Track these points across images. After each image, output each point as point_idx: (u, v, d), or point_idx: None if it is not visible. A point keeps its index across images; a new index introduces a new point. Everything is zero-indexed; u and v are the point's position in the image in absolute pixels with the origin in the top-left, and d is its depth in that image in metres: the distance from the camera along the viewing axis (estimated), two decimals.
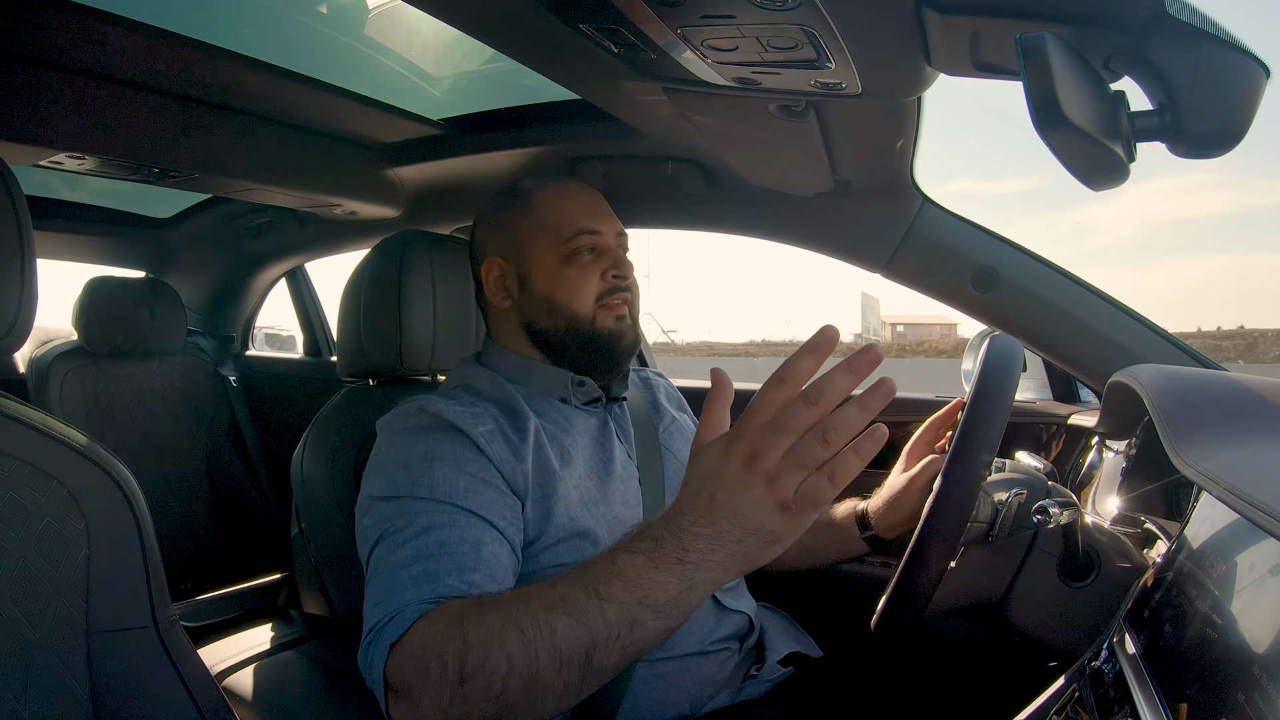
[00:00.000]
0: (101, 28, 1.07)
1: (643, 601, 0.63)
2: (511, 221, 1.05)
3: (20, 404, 0.74)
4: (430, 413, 0.91)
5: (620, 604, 0.63)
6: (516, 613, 0.66)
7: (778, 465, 0.59)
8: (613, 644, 0.63)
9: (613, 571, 0.64)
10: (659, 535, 0.63)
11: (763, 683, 1.02)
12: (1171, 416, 0.72)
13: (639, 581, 0.62)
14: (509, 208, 1.06)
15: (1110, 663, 0.63)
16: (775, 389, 0.61)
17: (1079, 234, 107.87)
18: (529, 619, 0.65)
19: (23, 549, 0.69)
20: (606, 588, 0.63)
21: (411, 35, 1.35)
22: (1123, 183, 0.65)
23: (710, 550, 0.61)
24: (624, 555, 0.64)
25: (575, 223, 1.02)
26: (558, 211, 1.03)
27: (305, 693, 1.05)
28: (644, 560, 0.63)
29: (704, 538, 0.61)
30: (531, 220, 1.03)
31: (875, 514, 1.09)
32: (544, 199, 1.05)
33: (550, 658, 0.64)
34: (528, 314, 1.03)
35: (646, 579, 0.62)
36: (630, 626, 0.63)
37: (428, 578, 0.77)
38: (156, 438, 2.28)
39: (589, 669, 0.64)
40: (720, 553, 0.61)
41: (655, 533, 0.63)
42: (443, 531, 0.81)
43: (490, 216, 1.08)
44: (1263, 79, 0.59)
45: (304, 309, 2.60)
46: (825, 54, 0.79)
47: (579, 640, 0.63)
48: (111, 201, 2.27)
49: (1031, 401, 1.51)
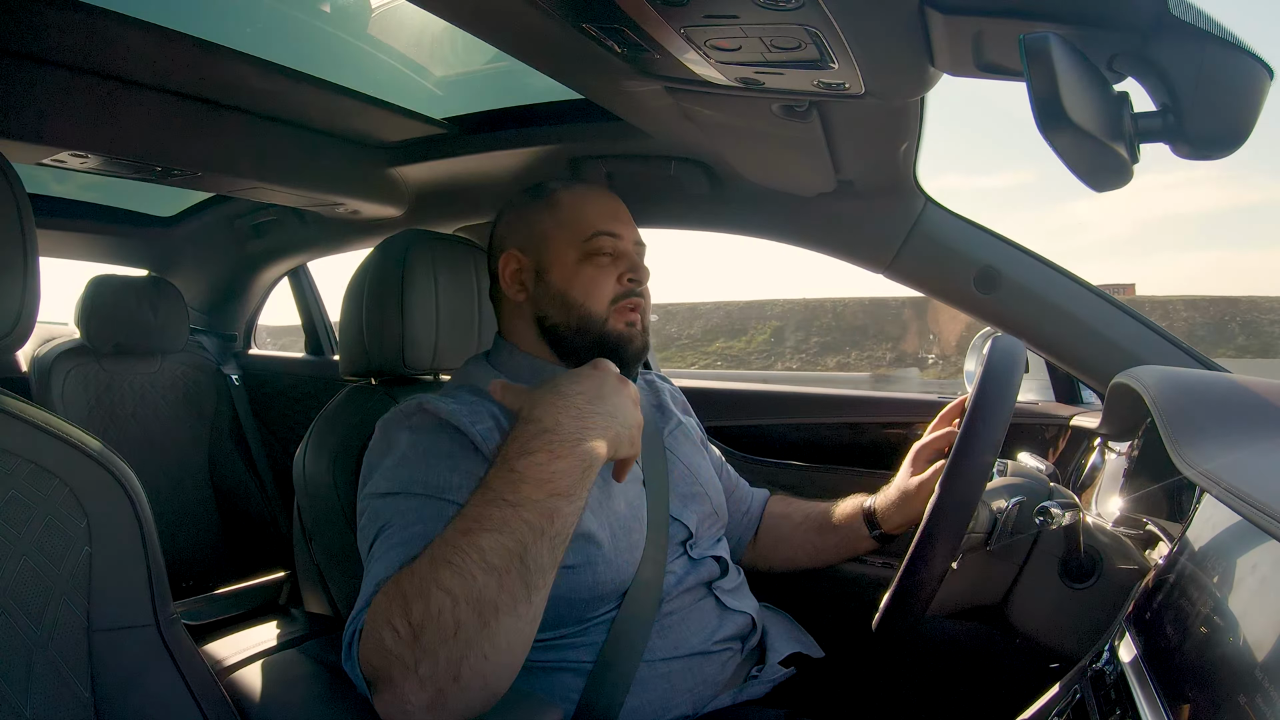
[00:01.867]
0: (105, 26, 1.07)
1: (554, 493, 0.69)
2: (534, 217, 1.05)
3: (22, 402, 0.74)
4: (429, 411, 0.91)
5: (533, 503, 0.68)
6: (439, 550, 0.69)
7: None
8: (540, 540, 0.68)
9: (515, 478, 0.69)
10: (554, 422, 0.73)
11: (764, 683, 1.02)
12: (1174, 418, 0.72)
13: (544, 477, 0.69)
14: (533, 203, 1.07)
15: (1112, 665, 0.63)
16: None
17: (1069, 229, 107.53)
18: (453, 549, 0.68)
19: (25, 547, 0.70)
20: (515, 493, 0.69)
21: (414, 34, 1.35)
22: (1126, 184, 0.65)
23: (589, 423, 0.73)
24: (521, 459, 0.70)
25: (596, 223, 1.03)
26: (580, 211, 1.04)
27: (307, 691, 1.05)
28: (544, 456, 0.70)
29: (577, 416, 0.73)
30: (554, 217, 1.04)
31: (883, 512, 1.10)
32: (568, 198, 1.06)
33: (487, 574, 0.66)
34: (541, 308, 1.04)
35: (552, 471, 0.70)
36: (550, 519, 0.69)
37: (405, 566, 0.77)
38: (158, 436, 2.28)
39: (527, 571, 0.67)
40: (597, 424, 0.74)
41: (530, 431, 0.72)
42: (431, 525, 0.80)
43: (513, 211, 1.09)
44: (1266, 80, 0.59)
45: (306, 308, 2.60)
46: (828, 54, 0.79)
47: (507, 548, 0.67)
48: (114, 200, 2.27)
49: (1034, 402, 1.51)
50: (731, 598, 1.05)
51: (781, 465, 1.62)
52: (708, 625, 1.01)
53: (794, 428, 1.66)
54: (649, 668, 0.94)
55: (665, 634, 0.97)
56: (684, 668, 0.97)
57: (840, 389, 1.77)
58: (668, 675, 0.95)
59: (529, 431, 0.73)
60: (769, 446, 1.65)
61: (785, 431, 1.67)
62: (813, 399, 1.69)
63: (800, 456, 1.63)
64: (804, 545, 1.20)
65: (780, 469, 1.62)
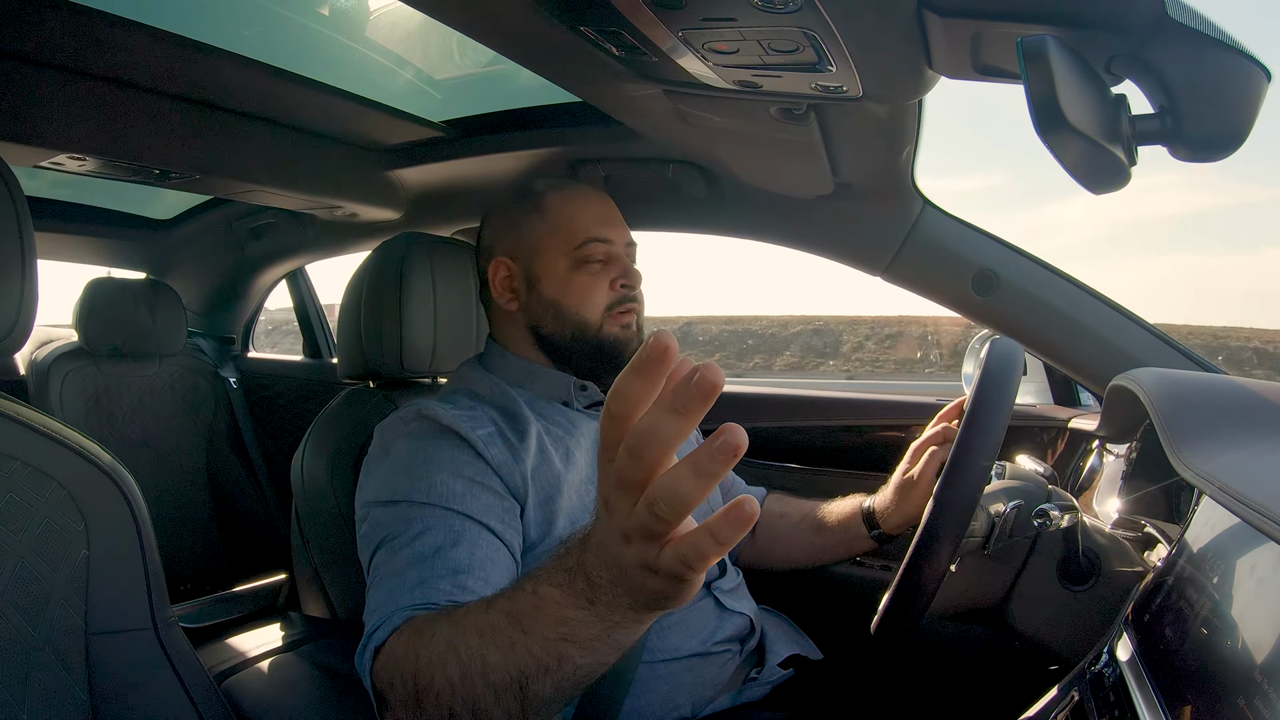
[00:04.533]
0: (104, 29, 1.07)
1: (565, 638, 0.56)
2: (522, 222, 1.05)
3: (20, 405, 0.74)
4: (428, 417, 0.91)
5: (544, 639, 0.57)
6: (457, 636, 0.63)
7: (627, 523, 0.46)
8: (544, 677, 0.58)
9: (535, 604, 0.57)
10: (572, 566, 0.54)
11: (763, 685, 1.02)
12: (1172, 420, 0.72)
13: (559, 618, 0.55)
14: (520, 208, 1.06)
15: (1110, 667, 0.63)
16: (608, 427, 0.45)
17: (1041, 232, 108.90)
18: (465, 645, 0.62)
19: (22, 550, 0.69)
20: (530, 620, 0.58)
21: (412, 37, 1.35)
22: (1124, 186, 0.65)
23: (616, 595, 0.52)
24: (545, 586, 0.57)
25: (587, 229, 1.02)
26: (570, 216, 1.03)
27: (305, 694, 1.05)
28: (560, 595, 0.55)
29: (609, 581, 0.51)
30: (543, 223, 1.03)
31: (882, 512, 1.09)
32: (557, 202, 1.04)
33: (485, 687, 0.61)
34: (535, 317, 1.03)
35: (565, 616, 0.55)
36: (558, 661, 0.57)
37: (421, 583, 0.77)
38: (156, 439, 2.28)
39: (526, 699, 0.60)
40: (625, 600, 0.51)
41: (570, 562, 0.55)
42: (438, 536, 0.81)
43: (500, 215, 1.08)
44: (1263, 82, 0.59)
45: (304, 311, 2.60)
46: (826, 57, 0.79)
47: (508, 672, 0.59)
48: (112, 203, 2.27)
49: (1032, 405, 1.51)
50: (730, 599, 1.05)
51: (779, 468, 1.62)
52: (706, 626, 1.01)
53: (792, 430, 1.66)
54: (648, 669, 0.94)
55: (664, 635, 0.96)
56: (683, 669, 0.97)
57: (839, 391, 1.77)
58: (667, 677, 0.95)
59: (567, 558, 0.56)
60: (767, 449, 1.65)
61: (783, 433, 1.67)
62: (810, 401, 1.69)
63: (798, 459, 1.63)
64: (801, 545, 1.19)
65: (778, 471, 1.62)
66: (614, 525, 0.47)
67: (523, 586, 0.60)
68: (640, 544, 0.46)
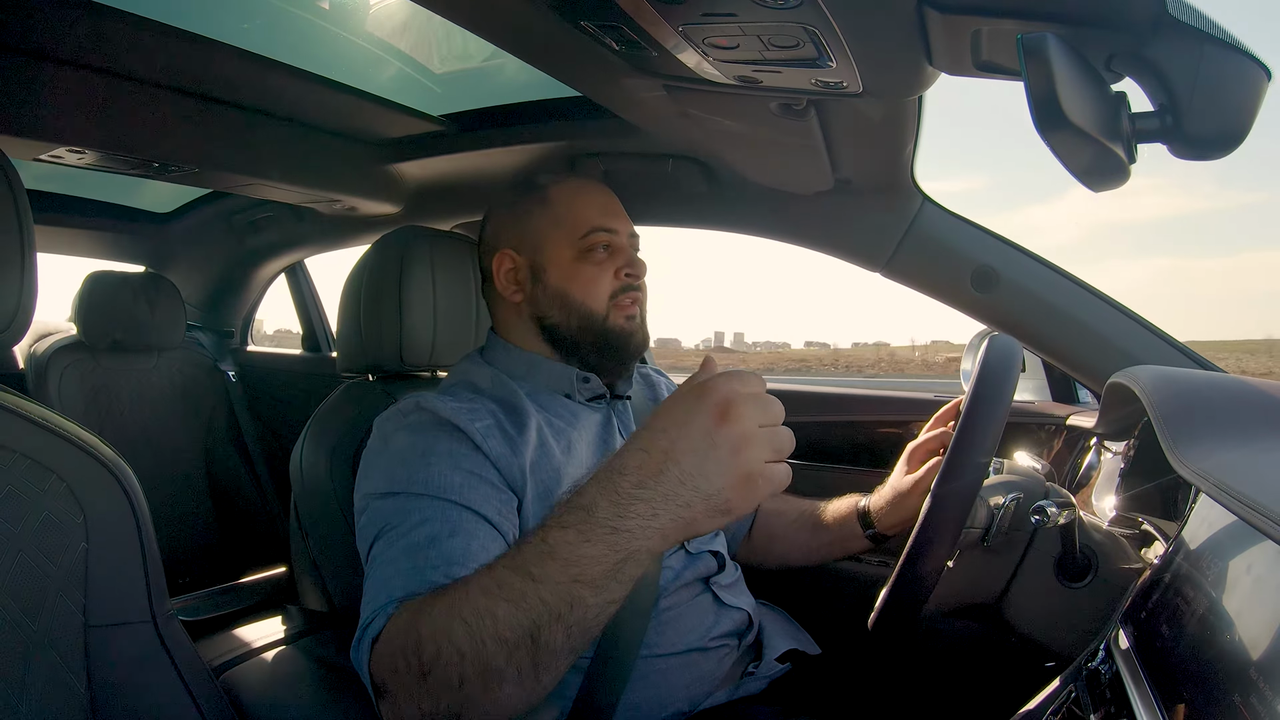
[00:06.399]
0: (104, 22, 1.07)
1: (577, 579, 0.60)
2: (526, 215, 1.05)
3: (19, 397, 0.74)
4: (427, 410, 0.91)
5: (555, 584, 0.61)
6: (459, 602, 0.65)
7: (753, 433, 0.60)
8: (556, 624, 0.61)
9: (544, 550, 0.61)
10: (591, 502, 0.60)
11: (760, 679, 1.03)
12: (1170, 417, 0.72)
13: (571, 559, 0.60)
14: (524, 201, 1.06)
15: (1107, 663, 0.63)
16: (755, 380, 0.63)
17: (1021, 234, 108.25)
18: (470, 608, 0.64)
19: (21, 542, 0.69)
20: (540, 568, 0.61)
21: (413, 31, 1.34)
22: (1123, 184, 0.65)
23: (651, 516, 0.58)
24: (555, 531, 0.62)
25: (591, 220, 1.02)
26: (574, 208, 1.03)
27: (304, 687, 1.05)
28: (575, 535, 0.60)
29: (645, 501, 0.58)
30: (547, 215, 1.04)
31: (878, 512, 1.10)
32: (561, 194, 1.05)
33: (497, 644, 0.62)
34: (540, 308, 1.03)
35: (579, 555, 0.60)
36: (570, 605, 0.61)
37: (415, 571, 0.77)
38: (155, 433, 2.28)
39: (538, 650, 0.62)
40: (662, 518, 0.58)
41: (587, 499, 0.61)
42: (435, 526, 0.81)
43: (504, 209, 1.08)
44: (1264, 81, 0.59)
45: (303, 304, 2.60)
46: (826, 53, 0.79)
47: (520, 625, 0.62)
48: (111, 196, 2.27)
49: (1030, 402, 1.51)
50: (728, 594, 1.05)
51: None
52: (705, 621, 1.01)
53: (790, 426, 1.66)
54: (646, 663, 0.95)
55: (662, 629, 0.97)
56: (681, 663, 0.97)
57: (837, 388, 1.76)
58: (665, 671, 0.95)
59: (581, 497, 0.62)
60: None
61: None
62: (808, 397, 1.69)
63: (795, 455, 1.62)
64: (797, 543, 1.19)
65: None
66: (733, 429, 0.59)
67: (527, 541, 0.64)
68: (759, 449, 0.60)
